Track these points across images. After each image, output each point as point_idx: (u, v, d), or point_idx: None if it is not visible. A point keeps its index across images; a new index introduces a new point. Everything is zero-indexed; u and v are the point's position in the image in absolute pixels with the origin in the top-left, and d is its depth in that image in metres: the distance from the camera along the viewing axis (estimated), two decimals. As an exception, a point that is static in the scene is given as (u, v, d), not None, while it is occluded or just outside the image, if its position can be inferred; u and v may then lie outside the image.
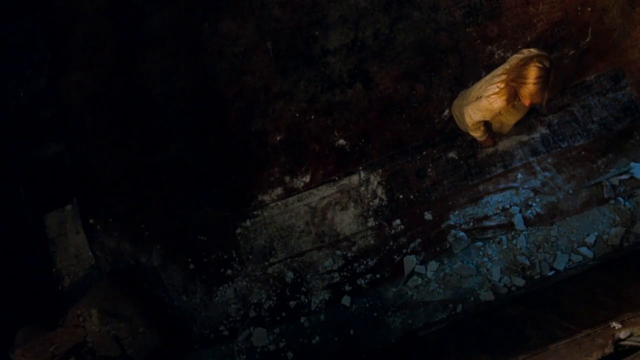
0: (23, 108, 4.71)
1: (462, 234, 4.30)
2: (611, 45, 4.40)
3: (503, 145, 4.38)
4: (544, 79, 3.25)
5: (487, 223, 4.32)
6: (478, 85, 3.71)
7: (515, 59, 3.44)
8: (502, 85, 3.41)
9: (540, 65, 3.23)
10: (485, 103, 3.51)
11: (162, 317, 4.34)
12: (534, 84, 3.26)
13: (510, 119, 3.78)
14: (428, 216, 4.35)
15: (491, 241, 4.29)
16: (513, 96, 3.41)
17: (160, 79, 4.65)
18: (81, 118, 4.68)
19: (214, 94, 4.62)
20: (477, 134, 3.84)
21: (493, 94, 3.45)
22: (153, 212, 4.52)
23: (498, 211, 4.32)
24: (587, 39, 4.41)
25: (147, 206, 4.53)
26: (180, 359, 4.35)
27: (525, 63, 3.28)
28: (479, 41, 4.46)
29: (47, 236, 4.48)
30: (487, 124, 3.92)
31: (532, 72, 3.25)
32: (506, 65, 3.49)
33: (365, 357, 4.23)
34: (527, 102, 3.36)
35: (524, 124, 4.36)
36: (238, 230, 4.46)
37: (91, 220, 4.54)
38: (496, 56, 4.44)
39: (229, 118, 4.58)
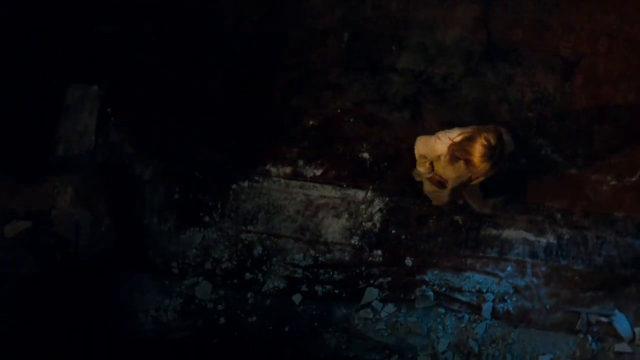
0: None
1: (430, 293, 4.29)
2: (652, 195, 4.39)
3: (509, 234, 4.37)
4: (489, 157, 3.23)
5: (458, 296, 4.30)
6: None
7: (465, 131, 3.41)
8: (450, 144, 3.41)
9: (485, 143, 3.21)
10: (432, 141, 3.54)
11: (126, 227, 4.36)
12: (480, 161, 3.25)
13: (448, 175, 3.73)
14: (408, 262, 4.34)
15: (453, 314, 4.28)
16: (454, 159, 3.41)
17: (233, 15, 4.68)
18: (145, 14, 4.70)
19: (276, 54, 4.65)
20: (422, 169, 3.82)
21: (441, 140, 3.48)
22: (168, 129, 4.55)
23: (473, 290, 4.30)
24: (634, 179, 4.40)
25: (165, 122, 4.57)
26: (122, 273, 4.37)
27: (470, 138, 3.26)
28: (534, 130, 4.45)
29: (64, 103, 4.53)
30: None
31: (477, 150, 3.23)
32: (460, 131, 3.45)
33: (287, 357, 4.22)
34: (473, 176, 3.39)
35: (536, 224, 4.35)
36: (233, 186, 4.48)
37: (108, 109, 4.56)
38: (543, 152, 4.44)
39: (278, 82, 4.61)
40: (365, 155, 4.50)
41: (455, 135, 3.41)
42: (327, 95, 4.57)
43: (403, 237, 4.38)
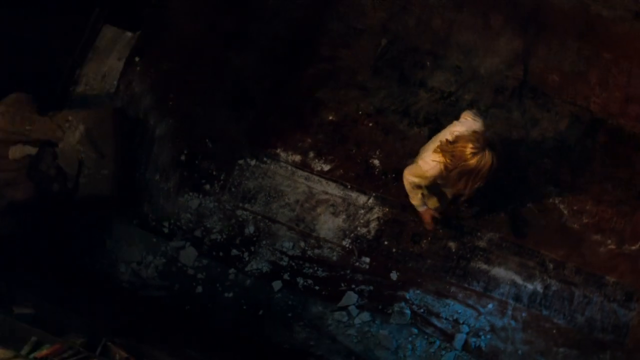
0: None
1: (408, 311, 4.28)
2: (647, 268, 4.35)
3: (498, 272, 4.35)
4: (490, 156, 3.16)
5: (434, 320, 4.29)
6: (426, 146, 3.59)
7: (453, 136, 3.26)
8: (440, 159, 3.29)
9: (478, 156, 3.13)
10: (417, 168, 3.46)
11: (128, 176, 4.39)
12: (482, 164, 3.16)
13: (457, 186, 3.58)
14: (394, 276, 4.34)
15: (426, 337, 4.27)
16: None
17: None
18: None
19: (312, 43, 4.67)
20: (415, 202, 3.74)
21: (425, 160, 3.39)
22: (190, 92, 4.58)
23: (450, 318, 4.29)
24: (633, 247, 4.37)
25: (189, 83, 4.59)
26: (113, 220, 4.41)
27: (462, 170, 3.16)
28: (546, 177, 4.43)
29: (94, 42, 4.56)
30: (440, 199, 3.82)
31: (476, 160, 3.14)
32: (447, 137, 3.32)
33: (255, 340, 4.23)
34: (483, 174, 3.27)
35: (527, 269, 4.33)
36: (240, 161, 4.49)
37: (137, 58, 4.59)
38: (550, 200, 4.41)
39: (307, 71, 4.62)
40: (376, 162, 4.49)
41: (432, 147, 3.38)
42: (352, 94, 4.57)
43: (394, 250, 4.38)
